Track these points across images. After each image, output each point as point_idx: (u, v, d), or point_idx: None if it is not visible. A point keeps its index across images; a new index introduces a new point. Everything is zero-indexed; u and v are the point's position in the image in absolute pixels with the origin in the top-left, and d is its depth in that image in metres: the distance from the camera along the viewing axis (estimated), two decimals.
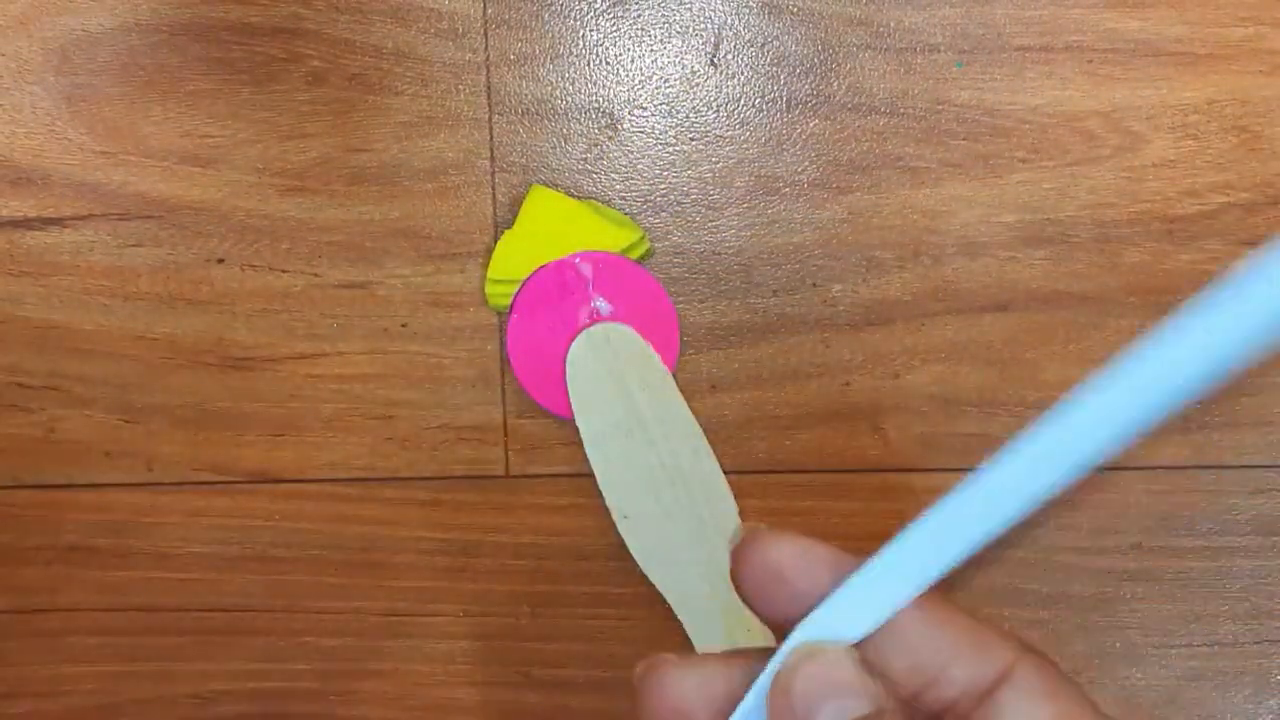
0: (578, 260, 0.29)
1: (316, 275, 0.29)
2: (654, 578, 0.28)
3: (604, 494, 0.28)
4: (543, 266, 0.29)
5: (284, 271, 0.29)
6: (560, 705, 0.29)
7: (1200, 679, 0.29)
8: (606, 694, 0.29)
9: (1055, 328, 0.29)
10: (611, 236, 0.29)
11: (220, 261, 0.29)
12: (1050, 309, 0.29)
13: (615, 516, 0.29)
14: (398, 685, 0.30)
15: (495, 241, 0.29)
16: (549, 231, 0.29)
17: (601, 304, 0.29)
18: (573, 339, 0.29)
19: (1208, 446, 0.29)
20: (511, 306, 0.29)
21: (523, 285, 0.29)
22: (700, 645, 0.28)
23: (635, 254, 0.29)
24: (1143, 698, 0.29)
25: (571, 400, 0.28)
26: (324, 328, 0.29)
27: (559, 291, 0.29)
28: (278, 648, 0.30)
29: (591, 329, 0.29)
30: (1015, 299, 0.29)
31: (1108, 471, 0.29)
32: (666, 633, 0.29)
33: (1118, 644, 0.29)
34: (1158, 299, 0.28)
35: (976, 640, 0.21)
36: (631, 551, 0.28)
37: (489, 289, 0.29)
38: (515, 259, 0.29)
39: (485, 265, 0.28)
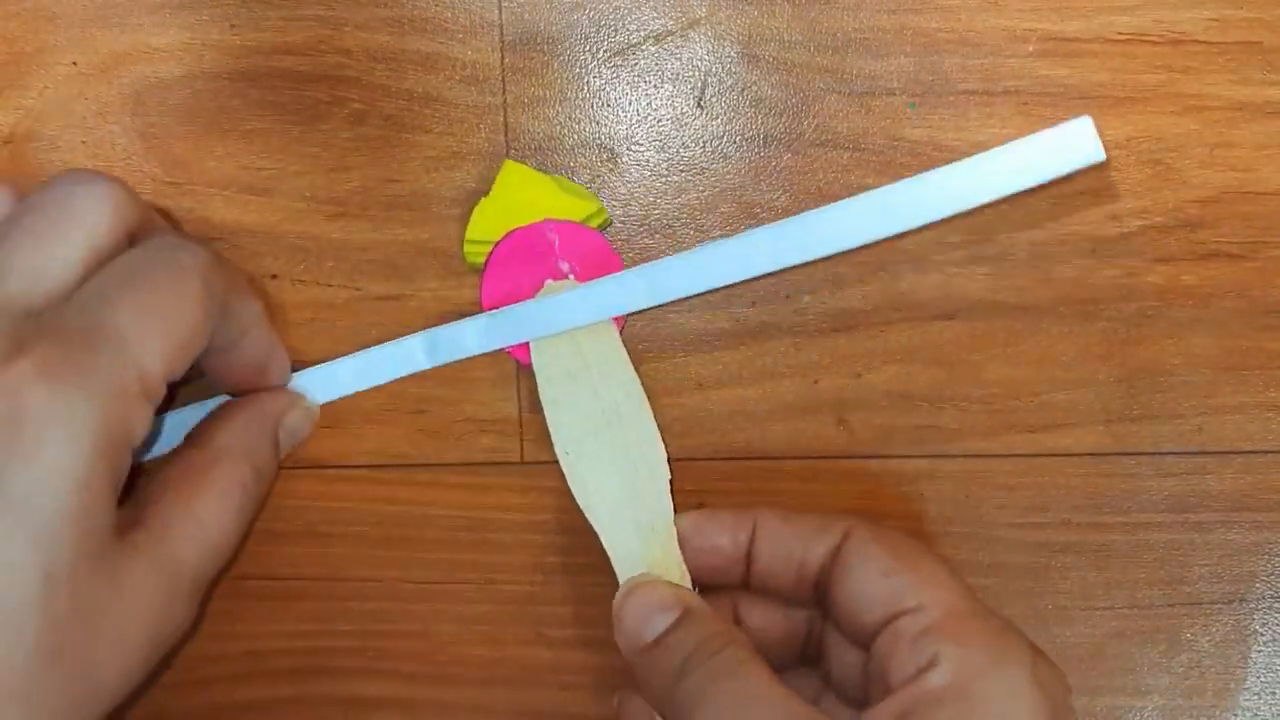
0: (546, 226, 0.29)
1: (358, 289, 0.30)
2: (587, 512, 0.29)
3: (550, 430, 0.29)
4: (515, 230, 0.29)
5: (329, 285, 0.30)
6: (567, 660, 0.31)
7: (1121, 637, 0.30)
8: (608, 651, 0.30)
9: (995, 333, 0.30)
10: (575, 206, 0.29)
11: (274, 277, 0.30)
12: (991, 317, 0.30)
13: (559, 452, 0.29)
14: (426, 644, 0.31)
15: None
16: (520, 200, 0.29)
17: (564, 265, 0.29)
18: (536, 293, 0.29)
19: (1127, 436, 0.30)
20: (486, 263, 0.29)
21: (497, 245, 0.29)
22: (623, 578, 0.28)
23: (594, 223, 0.30)
24: (1072, 653, 0.30)
25: (530, 346, 0.29)
26: (364, 334, 0.30)
27: (528, 252, 0.29)
28: (323, 611, 0.31)
29: (552, 284, 0.29)
30: (961, 309, 0.30)
31: (1040, 458, 0.30)
32: None
33: (1050, 607, 0.30)
34: (1084, 308, 0.30)
35: (820, 523, 0.27)
36: (570, 485, 0.29)
37: (466, 248, 0.29)
38: (489, 223, 0.29)
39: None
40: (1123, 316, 0.30)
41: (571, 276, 0.29)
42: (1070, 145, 0.26)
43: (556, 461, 0.30)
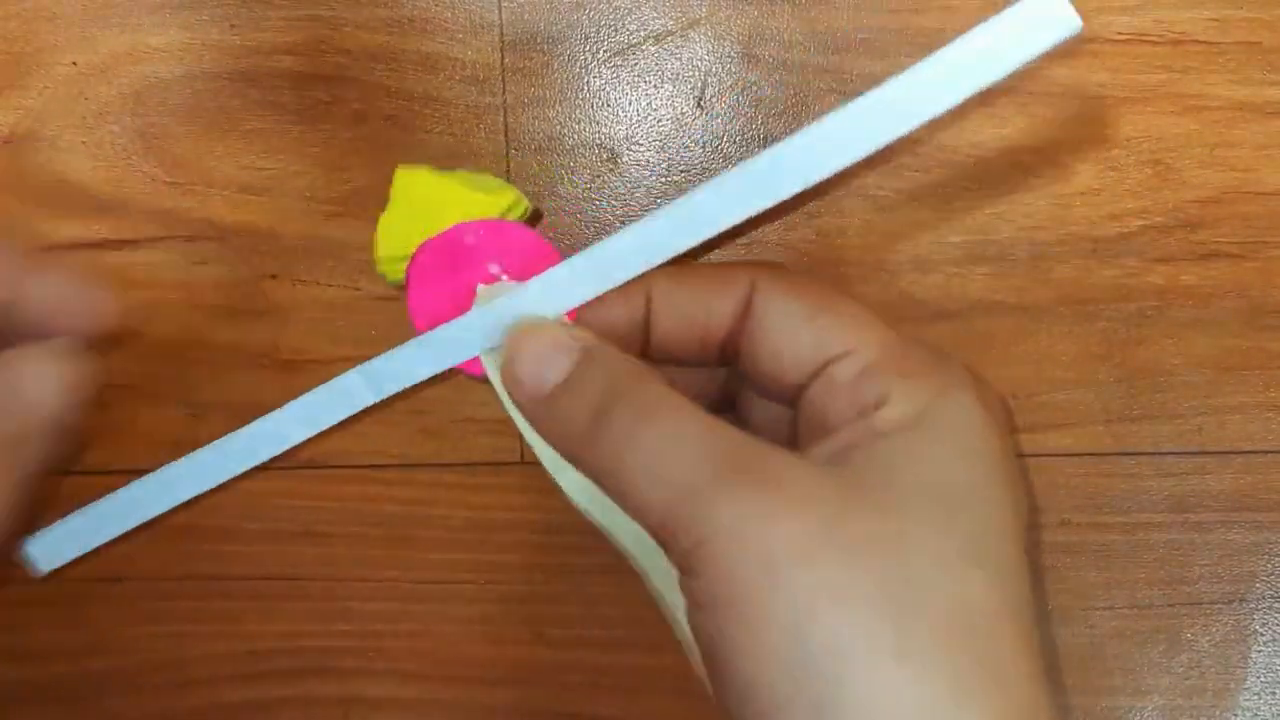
0: (460, 230, 0.27)
1: (358, 289, 0.30)
2: (594, 518, 0.26)
3: (530, 443, 0.25)
4: (426, 241, 0.27)
5: (329, 286, 0.30)
6: (567, 660, 0.31)
7: (1122, 637, 0.30)
8: (607, 652, 0.31)
9: (995, 333, 0.30)
10: (488, 203, 0.27)
11: (274, 277, 0.30)
12: (991, 317, 0.30)
13: (547, 467, 0.25)
14: (426, 643, 0.31)
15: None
16: (426, 207, 0.27)
17: (493, 267, 0.27)
18: (471, 304, 0.27)
19: (1127, 436, 0.30)
20: (406, 280, 0.27)
21: (411, 261, 0.27)
22: (651, 574, 0.25)
23: (514, 215, 0.28)
24: (1073, 653, 0.30)
25: (482, 359, 0.26)
26: (364, 334, 0.30)
27: (449, 261, 0.27)
28: (323, 611, 0.31)
29: (485, 289, 0.27)
30: (961, 309, 0.30)
31: (1040, 458, 0.30)
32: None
33: (1050, 607, 0.30)
34: (1083, 308, 0.30)
35: (717, 277, 0.25)
36: (571, 498, 0.26)
37: (383, 267, 0.28)
38: (398, 237, 0.27)
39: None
40: (1123, 316, 0.30)
41: (504, 277, 0.27)
42: (1042, 19, 0.22)
43: None
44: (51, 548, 0.29)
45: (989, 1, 0.29)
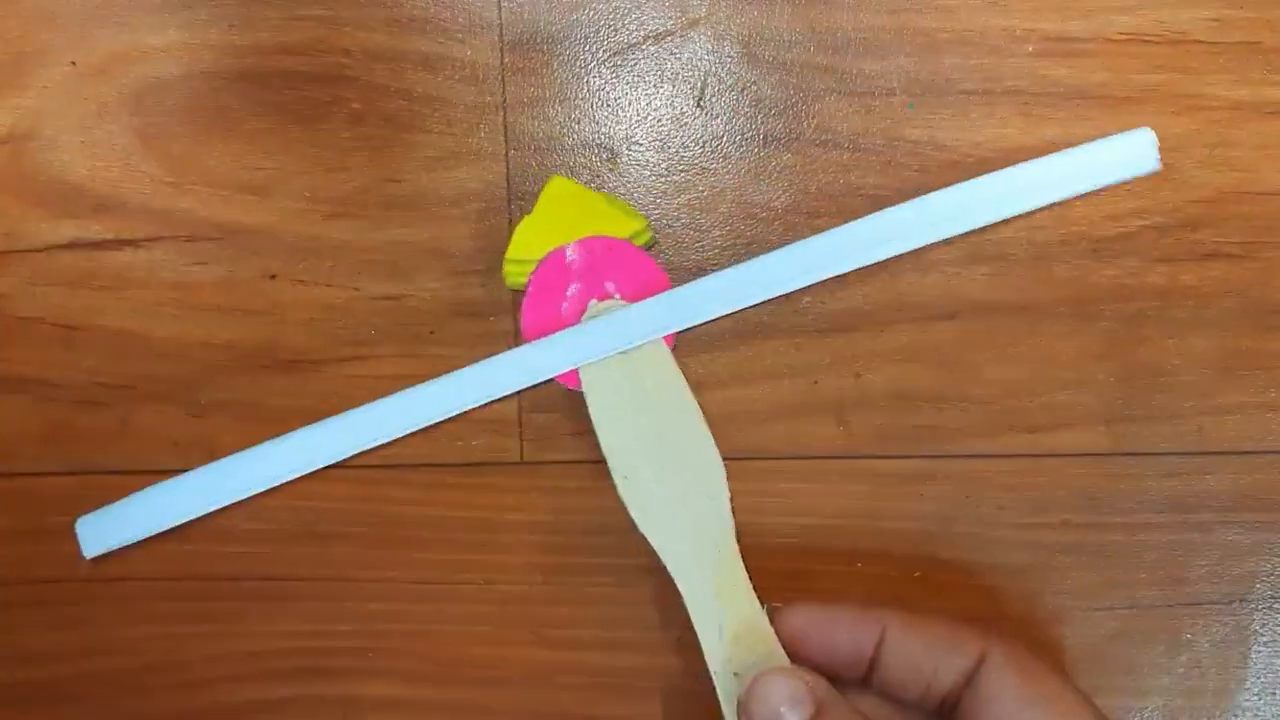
0: (588, 244, 0.28)
1: (357, 289, 0.30)
2: (649, 536, 0.27)
3: (607, 457, 0.27)
4: (556, 248, 0.28)
5: (329, 286, 0.30)
6: (567, 660, 0.31)
7: (1121, 637, 0.30)
8: (607, 652, 0.30)
9: (995, 333, 0.30)
10: (620, 224, 0.29)
11: (273, 277, 0.30)
12: (991, 317, 0.30)
13: (616, 478, 0.27)
14: (426, 644, 0.31)
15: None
16: (564, 217, 0.28)
17: (609, 285, 0.29)
18: (581, 316, 0.29)
19: (1127, 437, 0.30)
20: (527, 284, 0.29)
21: (538, 265, 0.28)
22: (691, 601, 0.27)
23: (639, 241, 0.29)
24: (1072, 654, 0.30)
25: (580, 371, 0.28)
26: (363, 335, 0.30)
27: (571, 272, 0.28)
28: (323, 611, 0.31)
29: (598, 305, 0.29)
30: (961, 309, 0.30)
31: (1040, 458, 0.30)
32: (660, 599, 0.30)
33: (1050, 607, 0.30)
34: (1084, 308, 0.30)
35: (952, 637, 0.26)
36: (629, 510, 0.27)
37: (507, 268, 0.29)
38: (532, 241, 0.28)
39: (502, 280, 0.29)
40: (1123, 316, 0.30)
41: (617, 296, 0.29)
42: (1128, 154, 0.28)
43: (556, 461, 0.30)
44: (101, 530, 0.30)
45: (988, 3, 0.29)
